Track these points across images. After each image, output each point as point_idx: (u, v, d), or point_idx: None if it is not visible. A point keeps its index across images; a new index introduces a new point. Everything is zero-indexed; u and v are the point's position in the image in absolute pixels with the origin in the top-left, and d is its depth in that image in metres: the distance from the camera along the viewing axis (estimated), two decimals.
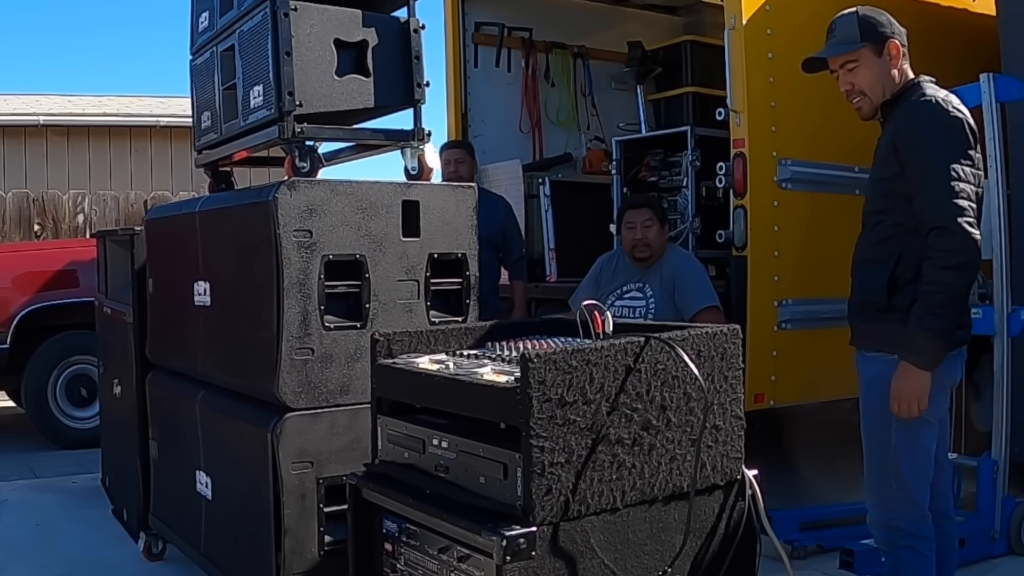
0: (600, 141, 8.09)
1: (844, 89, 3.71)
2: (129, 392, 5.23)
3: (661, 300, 5.40)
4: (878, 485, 3.65)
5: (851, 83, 3.67)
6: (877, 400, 3.57)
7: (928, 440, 3.59)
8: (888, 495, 3.60)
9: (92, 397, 8.20)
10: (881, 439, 3.60)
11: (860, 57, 3.62)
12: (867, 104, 3.68)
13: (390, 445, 3.00)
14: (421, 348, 3.14)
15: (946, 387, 3.63)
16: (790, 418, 6.98)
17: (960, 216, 3.32)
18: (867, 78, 3.63)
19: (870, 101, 3.67)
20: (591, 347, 2.54)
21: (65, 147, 15.49)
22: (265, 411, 3.77)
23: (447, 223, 4.04)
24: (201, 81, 4.84)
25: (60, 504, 6.45)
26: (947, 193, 3.34)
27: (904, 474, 3.55)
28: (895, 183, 3.54)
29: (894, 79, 3.63)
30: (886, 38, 3.62)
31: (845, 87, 3.70)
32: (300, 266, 3.67)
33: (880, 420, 3.58)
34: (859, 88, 3.66)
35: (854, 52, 3.62)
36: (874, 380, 3.61)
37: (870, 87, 3.64)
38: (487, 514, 2.50)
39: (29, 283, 8.43)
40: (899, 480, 3.56)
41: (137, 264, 5.09)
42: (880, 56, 3.61)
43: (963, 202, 3.34)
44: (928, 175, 3.41)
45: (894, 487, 3.57)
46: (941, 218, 3.34)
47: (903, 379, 3.44)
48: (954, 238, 3.31)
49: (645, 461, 2.64)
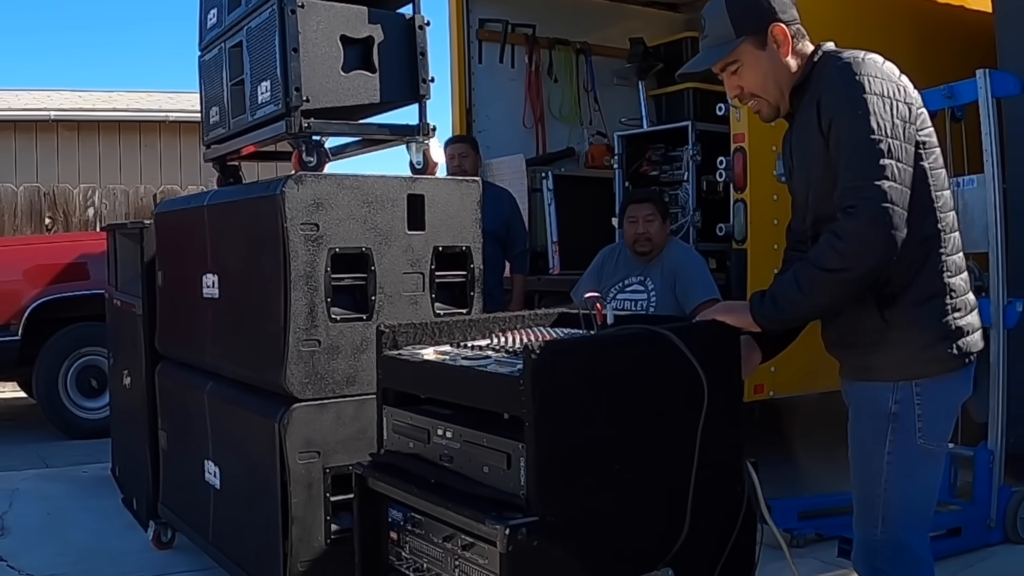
0: (602, 136, 8.10)
1: (733, 95, 3.05)
2: (139, 383, 5.24)
3: (662, 293, 5.40)
4: (862, 523, 2.99)
5: (739, 87, 2.99)
6: (867, 426, 2.94)
7: (927, 473, 2.93)
8: (873, 537, 2.95)
9: (102, 388, 8.22)
10: (869, 470, 2.94)
11: (740, 55, 2.93)
12: (765, 106, 3.02)
13: (395, 435, 3.00)
14: (426, 340, 3.14)
15: (952, 412, 2.96)
16: (789, 408, 6.98)
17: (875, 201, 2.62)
18: (754, 78, 2.96)
19: (767, 103, 3.00)
20: (593, 339, 2.54)
21: (76, 142, 15.47)
22: (272, 402, 3.77)
23: (452, 217, 4.04)
24: (209, 77, 4.84)
25: (70, 493, 6.46)
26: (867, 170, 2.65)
27: (892, 514, 2.90)
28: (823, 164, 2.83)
29: (789, 68, 2.93)
30: (766, 24, 2.90)
31: (733, 92, 3.03)
32: (307, 259, 3.67)
33: (870, 448, 2.93)
34: (748, 91, 2.99)
35: (732, 53, 2.93)
36: (864, 404, 2.96)
37: (761, 87, 2.97)
38: (491, 503, 2.50)
39: (40, 276, 8.44)
40: (886, 521, 2.91)
41: (146, 257, 5.09)
42: (764, 48, 2.91)
43: (885, 183, 2.63)
44: (847, 146, 2.71)
45: (879, 527, 2.92)
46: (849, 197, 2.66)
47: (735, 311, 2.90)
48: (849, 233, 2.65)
49: (646, 451, 2.64)
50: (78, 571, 4.87)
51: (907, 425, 2.87)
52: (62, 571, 4.87)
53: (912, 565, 2.94)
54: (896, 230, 2.64)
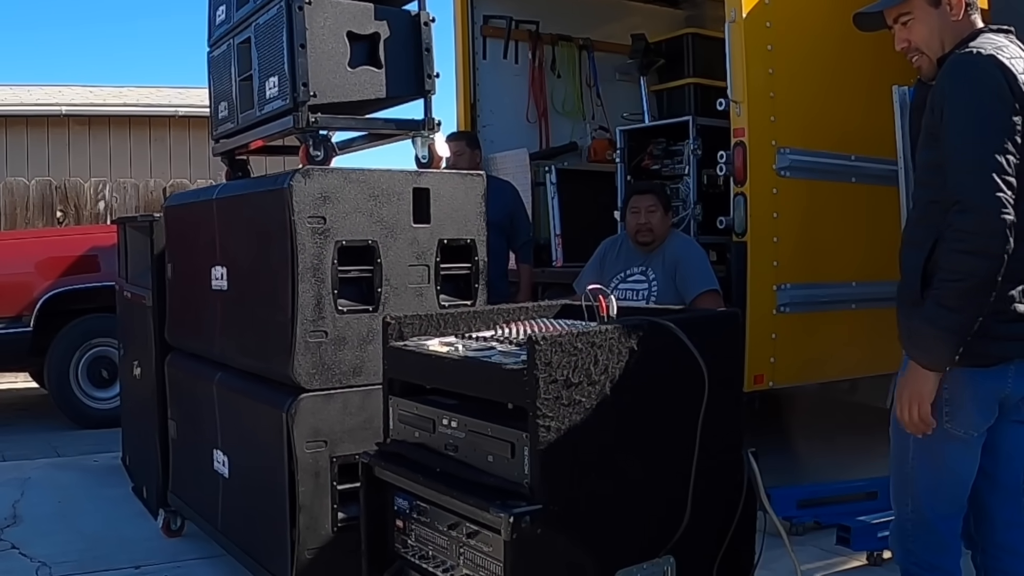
0: (604, 130, 8.09)
1: (900, 47, 3.07)
2: (148, 373, 5.24)
3: (663, 283, 5.41)
4: (897, 499, 3.08)
5: (906, 40, 3.03)
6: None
7: (954, 459, 2.94)
8: (904, 514, 3.04)
9: (113, 378, 8.24)
10: (900, 447, 3.03)
11: (913, 8, 2.98)
12: (925, 62, 3.03)
13: (401, 425, 3.00)
14: (431, 331, 3.14)
15: (983, 402, 2.91)
16: (788, 399, 6.99)
17: (988, 191, 2.67)
18: (922, 33, 2.99)
19: (928, 59, 3.01)
20: (596, 330, 2.54)
21: (87, 136, 15.47)
22: (280, 392, 3.77)
23: (456, 210, 4.04)
24: (218, 72, 4.84)
25: (82, 482, 6.47)
26: (978, 164, 2.70)
27: (920, 494, 2.99)
28: (933, 153, 2.89)
29: (957, 32, 2.96)
30: None
31: (900, 44, 3.06)
32: (314, 251, 3.67)
33: (900, 426, 2.96)
34: (914, 45, 3.01)
35: (907, 2, 2.98)
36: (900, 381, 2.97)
37: (926, 43, 2.99)
38: (495, 492, 2.50)
39: (52, 268, 8.45)
40: (915, 500, 3.00)
41: (156, 250, 5.09)
42: (937, 7, 2.96)
43: (996, 176, 2.68)
44: (955, 142, 2.78)
45: (910, 506, 3.02)
46: (964, 191, 2.72)
47: (906, 378, 2.88)
48: (972, 217, 2.68)
49: (648, 440, 2.64)
50: (89, 558, 4.87)
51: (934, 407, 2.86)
52: (73, 558, 4.87)
53: (938, 547, 2.99)
54: None
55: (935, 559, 2.99)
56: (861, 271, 5.83)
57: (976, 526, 3.10)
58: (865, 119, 5.78)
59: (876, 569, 4.59)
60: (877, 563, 4.61)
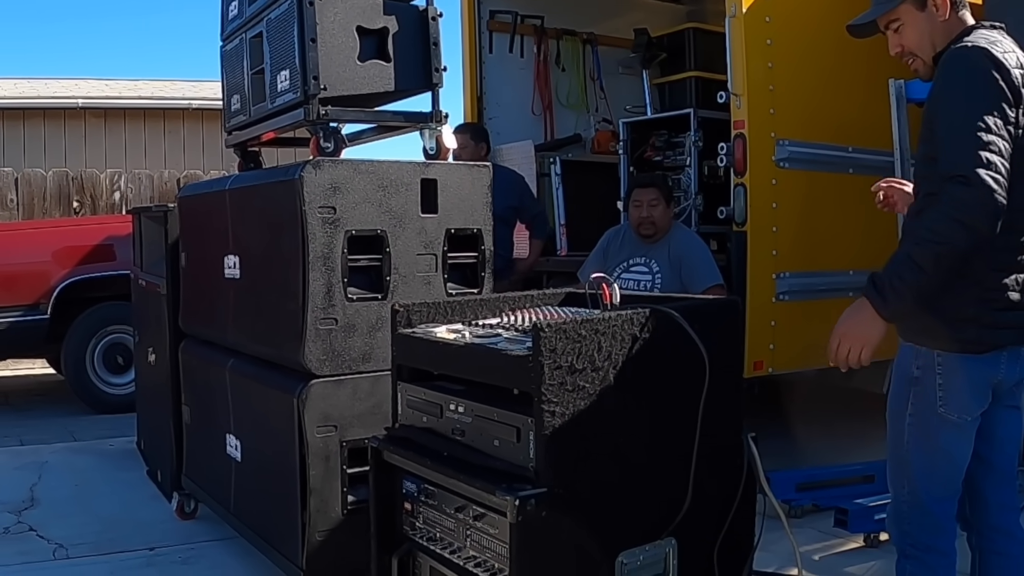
0: (608, 123, 8.07)
1: (894, 52, 3.10)
2: (163, 360, 5.25)
3: (667, 276, 5.42)
4: (893, 482, 3.07)
5: (899, 45, 3.05)
6: (895, 386, 3.03)
7: (949, 441, 2.93)
8: (900, 497, 3.03)
9: (128, 365, 8.24)
10: (896, 430, 3.02)
11: (901, 15, 3.01)
12: (920, 65, 3.05)
13: (409, 410, 3.00)
14: (439, 318, 3.14)
15: (977, 388, 2.90)
16: (787, 384, 6.99)
17: (984, 169, 2.63)
18: (912, 37, 3.02)
19: (922, 61, 3.04)
20: (599, 317, 2.54)
21: (102, 128, 15.47)
22: (291, 378, 3.77)
23: (463, 200, 4.04)
24: (231, 66, 4.83)
25: (98, 466, 6.48)
26: (972, 143, 2.67)
27: (915, 475, 2.97)
28: (930, 146, 2.88)
29: (947, 32, 2.97)
30: None
31: (895, 50, 3.08)
32: (324, 241, 3.67)
33: (895, 408, 3.02)
34: (908, 49, 3.04)
35: (894, 10, 3.02)
36: (896, 365, 3.04)
37: (918, 46, 3.02)
38: (501, 475, 2.50)
39: (68, 257, 8.46)
40: (911, 483, 2.98)
41: (170, 239, 5.09)
42: (923, 10, 2.98)
43: (991, 156, 2.65)
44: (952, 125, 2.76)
45: (906, 488, 3.00)
46: (961, 167, 2.66)
47: (855, 318, 2.85)
48: (972, 191, 2.63)
49: (650, 425, 2.64)
50: (105, 540, 4.88)
51: (927, 391, 2.91)
52: (89, 540, 4.88)
53: (933, 530, 2.98)
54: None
55: (931, 540, 2.98)
56: (858, 259, 5.81)
57: (971, 509, 3.10)
58: (862, 112, 5.77)
59: (873, 551, 4.60)
60: (874, 545, 4.62)
